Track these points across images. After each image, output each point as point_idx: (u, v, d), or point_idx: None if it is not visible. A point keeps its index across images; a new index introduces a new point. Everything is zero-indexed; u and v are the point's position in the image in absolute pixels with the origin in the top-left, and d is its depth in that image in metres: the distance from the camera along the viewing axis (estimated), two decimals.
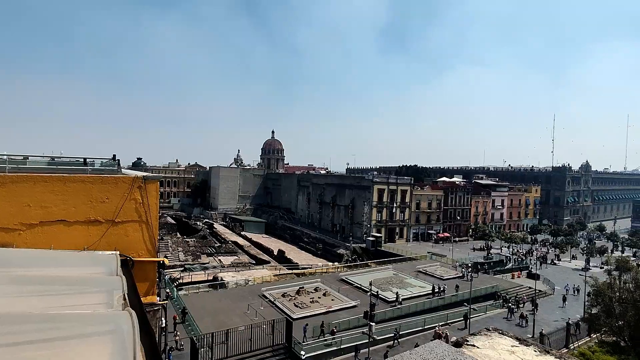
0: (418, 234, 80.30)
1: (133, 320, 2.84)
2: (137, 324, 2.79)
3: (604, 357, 21.46)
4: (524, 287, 45.93)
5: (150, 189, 7.08)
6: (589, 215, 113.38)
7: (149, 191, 7.06)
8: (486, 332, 2.42)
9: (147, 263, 7.05)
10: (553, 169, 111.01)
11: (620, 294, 26.55)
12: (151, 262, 7.14)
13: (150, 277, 7.24)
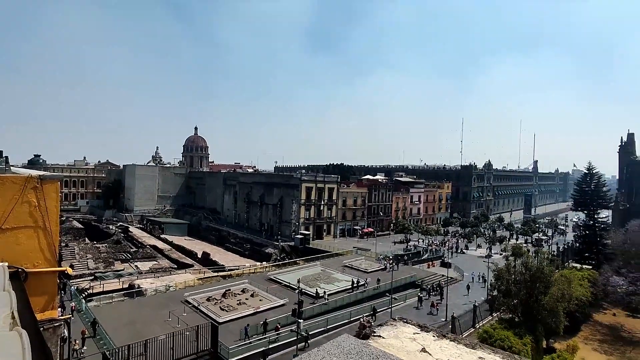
0: (344, 230, 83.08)
1: (23, 342, 2.49)
2: (28, 345, 2.45)
3: (503, 332, 24.40)
4: (438, 275, 50.17)
5: (49, 190, 6.25)
6: (491, 208, 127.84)
7: (47, 192, 6.24)
8: (392, 322, 2.60)
9: (46, 274, 6.23)
10: (462, 168, 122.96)
11: (515, 276, 30.36)
12: (50, 272, 6.32)
13: (50, 289, 6.41)
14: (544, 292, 27.41)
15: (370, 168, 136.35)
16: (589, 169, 50.95)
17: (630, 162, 74.51)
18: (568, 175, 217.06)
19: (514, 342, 23.37)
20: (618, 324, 34.34)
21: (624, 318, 35.52)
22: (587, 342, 30.84)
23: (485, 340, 23.73)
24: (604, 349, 29.58)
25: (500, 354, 2.01)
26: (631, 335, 32.15)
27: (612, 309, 36.97)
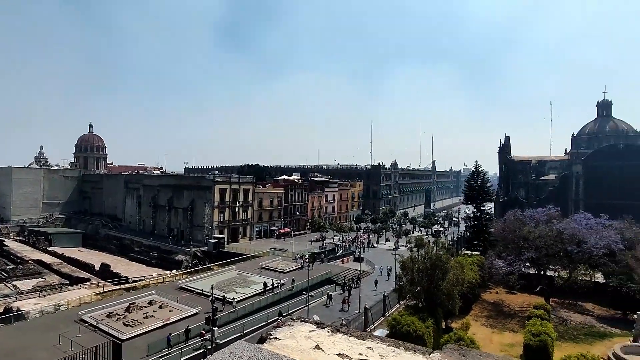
0: (261, 232, 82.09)
1: None
2: None
3: (408, 318, 26.48)
4: (351, 270, 52.51)
5: None
6: (397, 204, 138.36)
7: None
8: (290, 322, 2.56)
9: None
10: (371, 167, 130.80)
11: (418, 265, 33.14)
12: None
13: None
14: (442, 278, 30.45)
15: (286, 168, 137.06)
16: (476, 167, 58.31)
17: (507, 161, 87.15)
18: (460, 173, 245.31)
19: (418, 326, 25.51)
20: (500, 301, 39.92)
21: (504, 295, 41.42)
22: (477, 318, 35.17)
23: (394, 326, 25.51)
24: (490, 323, 34.10)
25: (386, 342, 2.11)
26: (509, 309, 37.65)
27: (496, 288, 42.81)
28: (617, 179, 63.95)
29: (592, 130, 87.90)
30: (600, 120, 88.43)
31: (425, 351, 2.10)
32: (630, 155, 66.53)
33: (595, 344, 29.17)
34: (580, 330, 31.99)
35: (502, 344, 29.68)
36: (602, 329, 32.12)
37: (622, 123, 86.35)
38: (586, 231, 37.20)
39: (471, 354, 2.15)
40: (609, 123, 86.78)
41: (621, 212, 46.94)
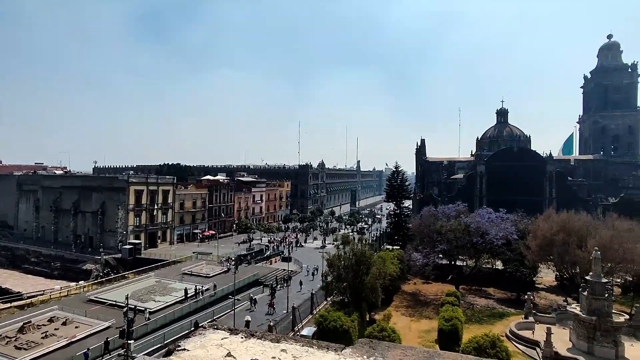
0: (183, 235, 77.65)
1: None
2: None
3: (335, 314, 27.16)
4: (279, 270, 52.29)
5: None
6: (325, 203, 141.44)
7: None
8: (201, 331, 2.37)
9: None
10: (299, 167, 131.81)
11: (344, 262, 34.18)
12: None
13: None
14: (366, 272, 31.82)
15: (210, 168, 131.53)
16: (396, 167, 62.13)
17: (423, 161, 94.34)
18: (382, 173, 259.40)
19: (344, 321, 26.30)
20: (417, 291, 43.03)
21: (421, 285, 44.74)
22: (397, 309, 37.43)
23: (321, 323, 25.94)
24: (409, 312, 36.55)
25: (300, 342, 2.06)
26: (425, 298, 40.77)
27: (414, 279, 46.06)
28: (512, 178, 73.13)
29: (493, 134, 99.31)
30: (499, 126, 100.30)
31: (338, 348, 2.09)
32: (522, 157, 76.64)
33: (496, 324, 32.90)
34: (484, 313, 35.84)
35: (420, 331, 31.94)
36: (502, 310, 36.37)
37: (516, 129, 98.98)
38: (488, 224, 41.81)
39: (380, 346, 2.20)
40: (505, 129, 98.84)
41: (515, 206, 53.70)
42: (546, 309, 35.35)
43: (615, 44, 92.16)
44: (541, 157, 75.62)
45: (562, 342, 27.25)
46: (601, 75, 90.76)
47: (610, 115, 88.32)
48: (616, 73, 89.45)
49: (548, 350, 25.68)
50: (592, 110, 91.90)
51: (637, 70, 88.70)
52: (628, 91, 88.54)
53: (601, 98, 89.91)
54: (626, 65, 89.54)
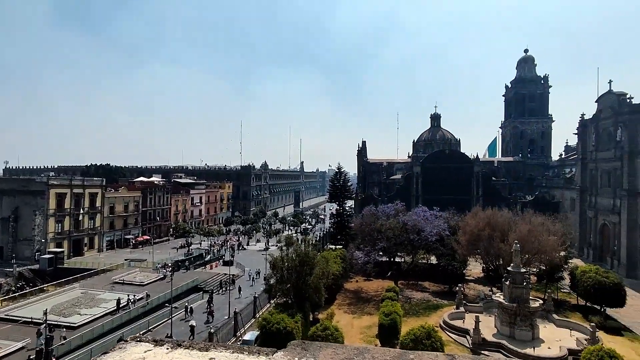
0: (114, 241, 71.99)
1: None
2: None
3: (278, 316, 26.90)
4: (221, 275, 50.59)
5: None
6: (268, 204, 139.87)
7: None
8: (122, 345, 2.15)
9: None
10: (241, 168, 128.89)
11: (288, 263, 34.02)
12: None
13: None
14: (310, 273, 31.97)
15: (144, 169, 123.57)
16: (339, 168, 63.40)
17: (364, 162, 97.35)
18: (325, 174, 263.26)
19: (287, 322, 26.15)
20: (359, 288, 44.24)
21: (363, 282, 46.06)
22: (340, 307, 38.12)
23: (264, 326, 25.54)
24: (351, 310, 37.41)
25: (230, 350, 1.95)
26: (367, 294, 42.04)
27: (356, 277, 47.28)
28: (444, 178, 78.26)
29: (427, 137, 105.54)
30: (432, 130, 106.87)
31: (270, 352, 2.02)
32: (452, 158, 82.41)
33: (432, 315, 34.91)
34: (421, 305, 37.86)
35: (362, 327, 32.82)
36: (436, 302, 38.68)
37: (447, 132, 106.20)
38: (423, 222, 44.29)
39: (312, 346, 2.18)
40: (438, 132, 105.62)
41: (447, 204, 57.52)
42: (475, 299, 38.26)
43: (530, 57, 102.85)
44: (469, 159, 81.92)
45: (488, 329, 29.69)
46: (519, 85, 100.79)
47: (527, 121, 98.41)
48: (531, 84, 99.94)
49: (476, 337, 27.80)
50: (512, 116, 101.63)
51: (548, 82, 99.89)
52: (541, 100, 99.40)
53: (519, 106, 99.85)
54: (539, 77, 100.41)
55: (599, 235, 56.60)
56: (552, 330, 30.12)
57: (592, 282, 33.45)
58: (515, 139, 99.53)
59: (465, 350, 27.99)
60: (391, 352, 2.26)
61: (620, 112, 51.35)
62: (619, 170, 50.81)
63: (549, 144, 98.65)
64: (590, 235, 58.37)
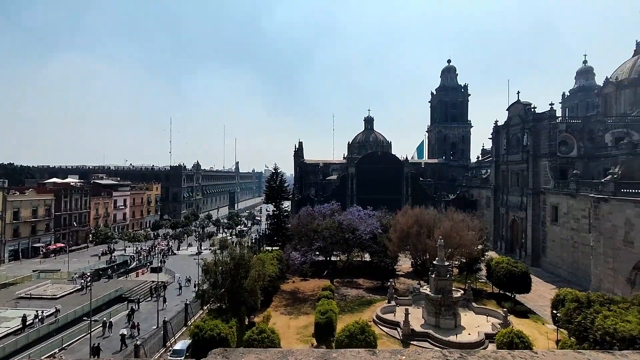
0: (19, 251, 63.58)
1: None
2: None
3: (212, 322, 25.82)
4: (148, 282, 47.27)
5: None
6: (200, 206, 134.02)
7: None
8: None
9: None
10: (171, 168, 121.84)
11: (222, 267, 32.83)
12: None
13: None
14: (245, 276, 31.17)
15: (58, 169, 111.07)
16: (275, 169, 62.91)
17: (301, 163, 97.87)
18: (262, 174, 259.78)
19: (222, 328, 25.22)
20: (296, 289, 44.29)
21: (299, 283, 46.19)
22: (277, 309, 37.77)
23: (196, 334, 24.33)
24: (288, 311, 37.29)
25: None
26: (304, 294, 42.25)
27: (292, 278, 47.25)
28: (377, 178, 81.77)
29: (361, 139, 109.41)
30: (366, 132, 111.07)
31: None
32: (385, 160, 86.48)
33: (365, 311, 36.13)
34: (355, 302, 39.00)
35: (298, 327, 32.85)
36: (370, 298, 40.15)
37: (380, 135, 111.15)
38: (358, 221, 45.74)
39: (234, 354, 2.09)
40: (372, 135, 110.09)
41: (380, 203, 60.10)
42: (404, 292, 40.43)
43: (452, 67, 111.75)
44: (400, 160, 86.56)
45: (416, 320, 31.53)
46: (443, 93, 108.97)
47: (450, 126, 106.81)
48: (453, 92, 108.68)
49: (406, 328, 29.35)
50: (437, 121, 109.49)
51: (467, 91, 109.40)
52: (462, 107, 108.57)
53: (443, 112, 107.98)
54: (460, 86, 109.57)
55: (509, 230, 63.25)
56: (472, 317, 32.92)
57: (504, 272, 37.25)
58: (439, 142, 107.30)
59: (396, 341, 29.43)
60: (314, 353, 2.21)
61: (526, 120, 57.93)
62: (525, 172, 57.28)
63: (469, 147, 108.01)
64: (502, 230, 64.98)
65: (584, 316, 21.45)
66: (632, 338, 18.57)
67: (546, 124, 53.75)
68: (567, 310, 23.05)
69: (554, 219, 50.54)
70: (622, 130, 54.89)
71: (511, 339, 23.29)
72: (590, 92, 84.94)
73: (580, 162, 53.24)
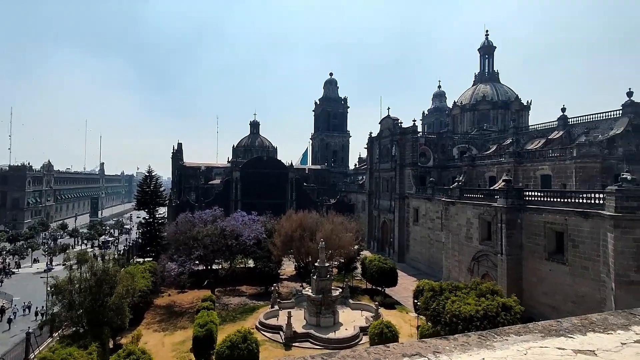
0: None
1: None
2: None
3: (65, 351, 21.77)
4: None
5: None
6: (52, 214, 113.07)
7: None
8: None
9: None
10: (11, 168, 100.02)
11: (80, 285, 28.11)
12: None
13: None
14: (110, 293, 27.26)
15: None
16: (149, 171, 56.96)
17: (180, 166, 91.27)
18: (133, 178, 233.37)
19: (77, 356, 21.49)
20: (172, 302, 40.70)
21: (176, 296, 42.62)
22: (149, 326, 34.04)
23: None
24: (162, 327, 33.95)
25: None
26: (181, 308, 39.12)
27: (168, 291, 43.31)
28: (262, 183, 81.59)
29: (247, 143, 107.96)
30: (252, 136, 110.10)
31: None
32: (270, 165, 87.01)
33: (248, 318, 35.38)
34: (238, 310, 37.86)
35: (174, 344, 30.25)
36: (253, 304, 39.48)
37: (266, 140, 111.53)
38: (242, 226, 44.71)
39: None
40: (257, 139, 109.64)
41: (265, 208, 60.03)
42: (288, 296, 41.03)
43: (334, 80, 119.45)
44: (285, 165, 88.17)
45: (299, 322, 32.26)
46: (325, 103, 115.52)
47: (332, 135, 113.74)
48: (335, 103, 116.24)
49: (288, 331, 29.76)
50: (320, 129, 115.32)
51: (347, 103, 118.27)
52: (342, 118, 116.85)
53: (325, 121, 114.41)
54: (341, 97, 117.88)
55: (381, 230, 70.21)
56: (349, 313, 35.27)
57: (376, 268, 41.07)
58: (322, 149, 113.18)
59: (279, 345, 29.56)
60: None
61: (395, 132, 65.41)
62: (394, 179, 64.50)
63: (347, 155, 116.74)
64: (375, 231, 71.74)
65: (438, 303, 25.00)
66: (470, 317, 22.38)
67: (410, 137, 61.58)
68: (425, 299, 26.54)
69: (415, 219, 58.01)
70: (464, 146, 66.50)
71: (381, 329, 25.67)
72: (443, 112, 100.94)
73: (435, 171, 62.47)
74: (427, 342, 2.68)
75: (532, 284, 31.52)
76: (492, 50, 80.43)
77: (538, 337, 2.85)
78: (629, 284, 23.28)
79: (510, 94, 76.32)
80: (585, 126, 47.61)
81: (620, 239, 23.57)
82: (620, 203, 23.61)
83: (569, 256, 28.37)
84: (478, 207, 37.74)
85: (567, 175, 40.02)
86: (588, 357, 2.54)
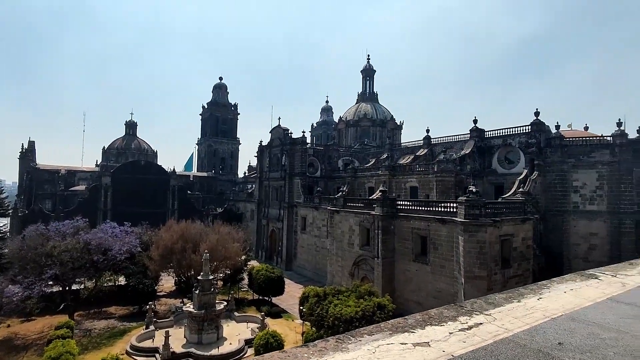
0: None
1: None
2: None
3: None
4: None
5: None
6: None
7: None
8: None
9: None
10: None
11: None
12: None
13: None
14: None
15: None
16: None
17: (31, 169, 76.44)
18: None
19: None
20: (12, 334, 33.14)
21: (19, 325, 34.91)
22: None
23: None
24: None
25: None
26: (25, 340, 32.17)
27: (8, 321, 35.30)
28: (139, 190, 73.68)
29: (121, 145, 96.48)
30: (128, 138, 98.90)
31: None
32: (149, 170, 79.23)
33: (117, 343, 31.11)
34: (104, 335, 32.99)
35: None
36: (123, 327, 34.90)
37: (144, 143, 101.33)
38: (112, 239, 39.40)
39: None
40: (134, 141, 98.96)
41: (141, 218, 54.18)
42: (166, 314, 37.53)
43: (224, 84, 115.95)
44: (166, 171, 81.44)
45: (178, 341, 29.73)
46: (214, 108, 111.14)
47: (220, 141, 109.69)
48: (224, 108, 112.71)
49: (165, 352, 27.18)
50: (207, 135, 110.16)
51: (237, 109, 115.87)
52: (232, 124, 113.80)
53: (214, 126, 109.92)
54: (231, 103, 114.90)
55: (269, 239, 70.09)
56: (234, 326, 33.98)
57: (263, 278, 40.63)
58: (209, 156, 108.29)
59: None
60: None
61: (285, 142, 66.56)
62: (283, 188, 65.35)
63: (237, 163, 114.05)
64: (264, 240, 71.28)
65: (322, 307, 25.91)
66: (350, 318, 23.79)
67: (299, 148, 63.41)
68: (310, 304, 27.25)
69: (303, 228, 59.62)
70: (348, 158, 71.48)
71: (267, 340, 25.38)
72: (330, 126, 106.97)
73: (322, 181, 65.49)
74: (287, 352, 2.65)
75: (403, 283, 35.26)
76: (373, 73, 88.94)
77: (387, 335, 3.10)
78: (474, 279, 27.90)
79: (387, 113, 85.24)
80: (444, 146, 55.93)
81: (468, 241, 28.14)
82: (468, 211, 28.26)
83: (431, 257, 32.67)
84: (359, 215, 40.73)
85: (430, 187, 46.34)
86: (424, 348, 2.86)
